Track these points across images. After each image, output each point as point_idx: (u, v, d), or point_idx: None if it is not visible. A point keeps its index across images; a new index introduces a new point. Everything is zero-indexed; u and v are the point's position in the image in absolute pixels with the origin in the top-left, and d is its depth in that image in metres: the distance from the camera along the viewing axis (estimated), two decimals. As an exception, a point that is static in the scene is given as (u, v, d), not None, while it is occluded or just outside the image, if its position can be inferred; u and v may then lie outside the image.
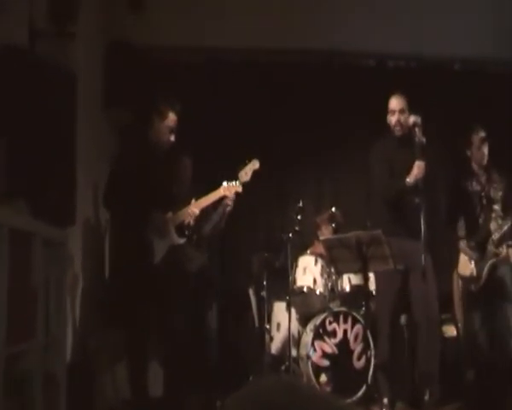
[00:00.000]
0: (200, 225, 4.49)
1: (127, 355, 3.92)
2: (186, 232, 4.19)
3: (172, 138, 4.13)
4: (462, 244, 4.69)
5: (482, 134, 4.69)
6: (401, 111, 4.27)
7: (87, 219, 4.56)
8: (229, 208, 4.44)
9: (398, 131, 4.28)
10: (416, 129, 4.12)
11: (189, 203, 4.16)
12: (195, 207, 4.14)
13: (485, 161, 4.71)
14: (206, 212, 4.43)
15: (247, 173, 4.37)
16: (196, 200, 4.19)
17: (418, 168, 4.06)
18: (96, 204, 4.76)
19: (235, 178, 4.36)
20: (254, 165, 4.41)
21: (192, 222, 4.13)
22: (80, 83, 3.57)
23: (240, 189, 4.33)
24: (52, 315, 2.80)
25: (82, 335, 4.17)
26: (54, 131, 3.08)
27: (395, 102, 4.32)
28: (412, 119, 4.18)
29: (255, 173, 4.41)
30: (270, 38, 5.79)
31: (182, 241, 4.11)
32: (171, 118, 4.12)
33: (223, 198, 4.35)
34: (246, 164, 4.41)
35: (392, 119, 4.30)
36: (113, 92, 5.13)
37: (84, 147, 4.06)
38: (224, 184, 4.30)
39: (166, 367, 4.00)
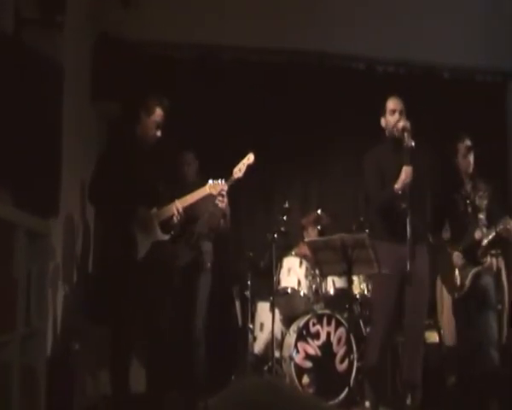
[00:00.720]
0: (190, 222, 4.46)
1: (109, 351, 3.86)
2: (172, 231, 4.14)
3: (159, 134, 4.10)
4: (447, 251, 4.70)
5: (468, 142, 4.69)
6: (401, 112, 4.24)
7: (71, 211, 4.50)
8: (222, 205, 4.38)
9: (396, 132, 4.21)
10: (405, 134, 4.09)
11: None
12: (180, 204, 4.09)
13: (470, 170, 4.71)
14: (196, 209, 4.38)
15: (240, 169, 4.33)
16: (180, 198, 4.16)
17: (405, 173, 4.03)
18: (81, 197, 4.71)
19: (222, 174, 4.32)
20: (249, 159, 4.35)
21: (177, 219, 4.08)
22: (67, 74, 3.52)
23: (225, 187, 4.28)
24: (33, 307, 2.74)
25: (63, 328, 4.12)
26: (39, 122, 3.03)
27: (395, 103, 4.27)
28: (401, 123, 4.15)
29: (248, 169, 4.36)
30: (262, 38, 5.79)
31: (166, 237, 4.06)
32: (158, 113, 4.09)
33: (211, 196, 4.31)
34: (240, 159, 4.37)
35: (391, 119, 4.25)
36: (101, 85, 5.08)
37: (70, 139, 4.01)
38: (210, 181, 4.27)
39: (149, 364, 3.94)
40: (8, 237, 2.50)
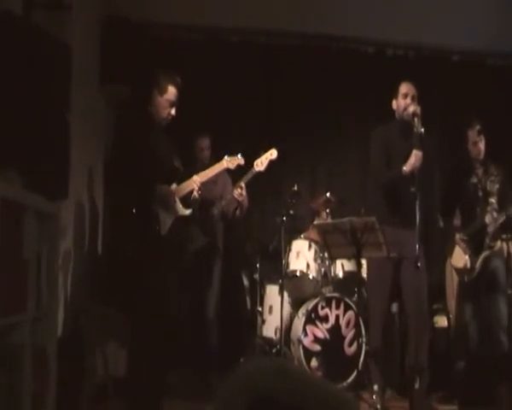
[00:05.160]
0: (207, 205, 4.47)
1: (120, 332, 3.86)
2: (192, 202, 4.14)
3: (173, 112, 4.02)
4: (457, 236, 4.68)
5: (479, 127, 4.67)
6: (413, 97, 4.22)
7: (80, 193, 4.51)
8: (240, 198, 4.45)
9: (406, 116, 4.19)
10: (415, 119, 4.06)
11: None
12: (199, 178, 4.09)
13: (481, 154, 4.70)
14: (213, 193, 4.41)
15: (262, 163, 4.33)
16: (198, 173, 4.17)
17: (415, 157, 4.01)
18: (89, 179, 4.71)
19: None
20: (272, 154, 4.36)
21: (197, 192, 4.08)
22: (76, 56, 3.50)
23: (242, 161, 4.29)
24: (43, 289, 2.75)
25: (73, 310, 4.13)
26: (48, 103, 3.01)
27: (408, 87, 4.25)
28: (412, 108, 4.13)
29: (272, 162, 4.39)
30: (270, 20, 5.74)
31: (187, 212, 4.05)
32: (171, 91, 4.01)
33: (228, 171, 4.34)
34: (263, 153, 4.38)
35: (402, 102, 4.23)
36: (110, 67, 5.05)
37: (79, 121, 4.00)
38: (226, 157, 4.26)
39: (156, 346, 3.93)
40: (17, 218, 2.50)
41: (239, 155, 4.25)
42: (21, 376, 2.41)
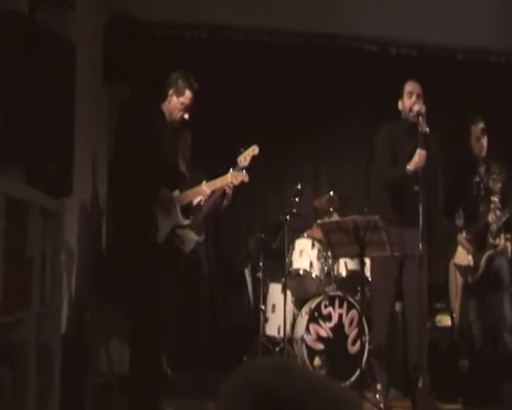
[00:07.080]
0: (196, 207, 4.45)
1: (124, 329, 3.86)
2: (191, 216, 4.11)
3: (186, 116, 3.99)
4: (460, 235, 4.68)
5: (482, 125, 4.66)
6: (418, 96, 4.21)
7: (85, 191, 4.51)
8: (230, 194, 4.42)
9: (412, 118, 4.17)
10: (420, 118, 4.06)
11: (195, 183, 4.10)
12: (208, 188, 4.06)
13: (484, 152, 4.68)
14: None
15: (245, 159, 4.30)
16: (207, 181, 4.12)
17: (419, 156, 4.01)
18: (93, 176, 4.71)
19: (233, 159, 4.30)
20: (254, 151, 4.34)
21: (203, 202, 4.05)
22: (80, 54, 3.51)
23: (246, 178, 4.26)
24: (48, 286, 2.75)
25: (77, 307, 4.14)
26: (52, 101, 3.02)
27: (413, 86, 4.25)
28: (417, 107, 4.13)
29: (254, 158, 4.36)
30: (273, 19, 5.74)
31: (186, 222, 4.01)
32: (188, 95, 3.98)
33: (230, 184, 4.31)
34: (244, 149, 4.35)
35: (408, 101, 4.22)
36: (114, 66, 5.06)
37: (83, 119, 4.00)
38: (231, 171, 4.23)
39: (157, 345, 3.93)
40: (22, 215, 2.51)
41: (243, 171, 4.22)
42: (26, 373, 2.41)
